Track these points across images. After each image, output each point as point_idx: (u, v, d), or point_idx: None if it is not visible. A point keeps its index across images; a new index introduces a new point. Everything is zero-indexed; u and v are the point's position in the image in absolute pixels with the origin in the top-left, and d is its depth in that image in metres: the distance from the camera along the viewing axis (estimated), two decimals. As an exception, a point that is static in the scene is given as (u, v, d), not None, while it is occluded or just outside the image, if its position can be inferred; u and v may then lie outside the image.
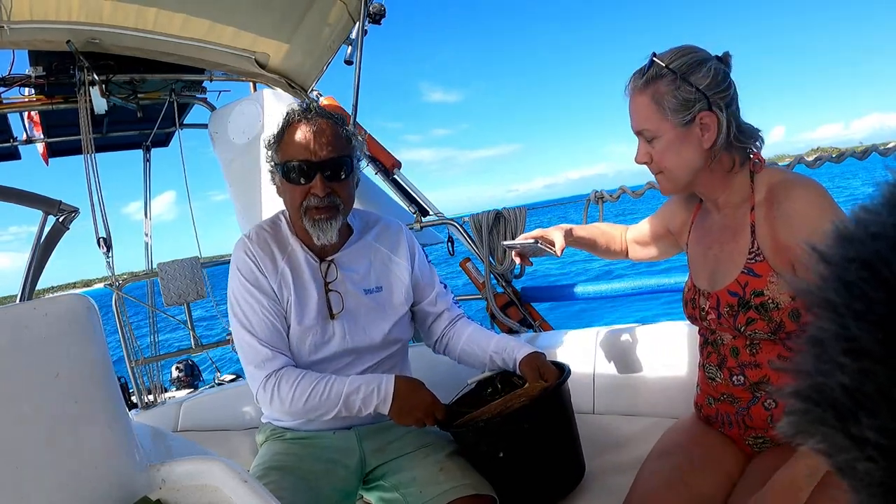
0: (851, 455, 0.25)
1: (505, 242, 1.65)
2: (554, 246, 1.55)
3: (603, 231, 1.67)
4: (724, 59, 1.19)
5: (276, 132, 1.49)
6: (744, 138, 1.18)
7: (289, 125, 1.47)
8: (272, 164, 1.50)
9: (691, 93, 1.14)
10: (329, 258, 1.54)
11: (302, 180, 1.44)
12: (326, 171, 1.44)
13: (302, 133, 1.44)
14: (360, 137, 1.54)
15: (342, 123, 1.51)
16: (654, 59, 1.18)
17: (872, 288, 0.24)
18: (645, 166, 1.28)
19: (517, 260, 1.64)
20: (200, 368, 5.26)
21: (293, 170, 1.43)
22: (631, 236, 1.64)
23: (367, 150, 2.83)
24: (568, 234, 1.58)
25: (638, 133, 1.24)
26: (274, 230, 1.56)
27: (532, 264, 1.63)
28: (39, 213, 2.88)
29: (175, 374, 5.03)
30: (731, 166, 1.20)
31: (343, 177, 1.47)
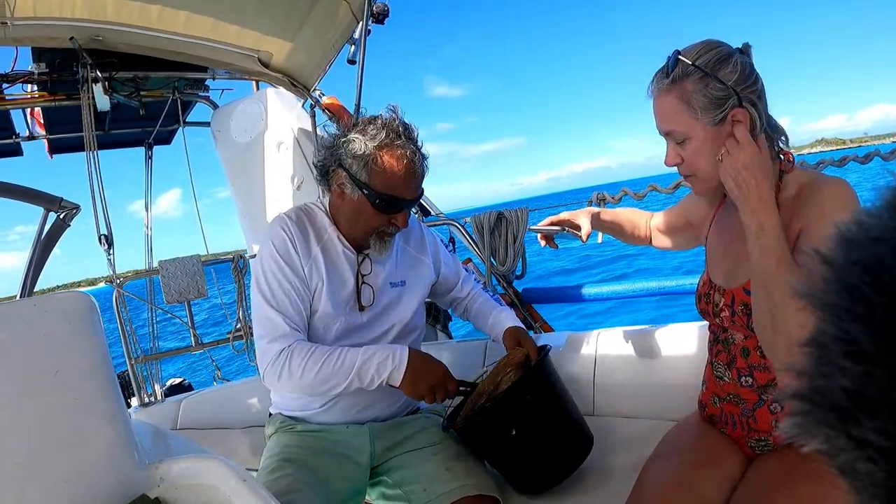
0: (853, 456, 0.25)
1: (531, 227, 1.67)
2: (580, 231, 1.54)
3: (629, 216, 1.66)
4: (746, 51, 1.13)
5: (368, 145, 1.39)
6: (773, 133, 1.14)
7: (389, 149, 1.40)
8: (349, 175, 1.42)
9: (721, 90, 1.09)
10: (365, 251, 1.55)
11: (391, 211, 1.44)
12: (412, 205, 1.49)
13: (405, 168, 1.40)
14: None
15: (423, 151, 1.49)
16: (680, 56, 1.12)
17: (873, 291, 0.24)
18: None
19: (542, 243, 1.63)
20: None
21: (387, 203, 1.42)
22: (654, 224, 1.62)
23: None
24: (595, 219, 1.56)
25: (666, 134, 1.18)
26: (310, 217, 1.55)
27: (557, 247, 1.64)
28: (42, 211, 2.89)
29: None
30: None
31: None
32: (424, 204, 2.98)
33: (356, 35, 2.50)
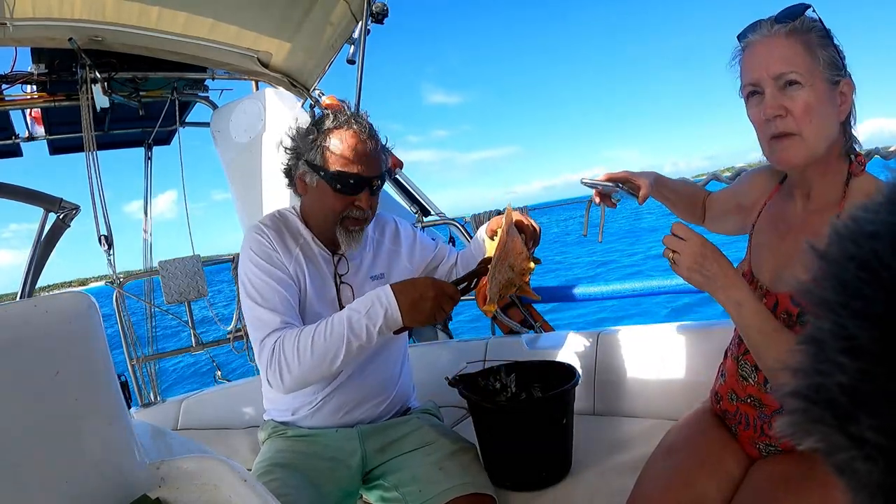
0: (850, 454, 0.25)
1: (584, 180, 1.56)
2: (638, 193, 1.44)
3: (689, 191, 1.56)
4: None
5: (317, 130, 1.47)
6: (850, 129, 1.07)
7: (338, 130, 1.46)
8: (307, 164, 1.47)
9: (837, 56, 1.02)
10: (340, 252, 1.56)
11: (351, 192, 1.45)
12: (373, 186, 1.48)
13: (356, 145, 1.44)
14: (387, 149, 1.57)
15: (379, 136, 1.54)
16: (809, 9, 1.03)
17: (870, 287, 0.24)
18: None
19: (597, 200, 1.52)
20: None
21: (345, 182, 1.44)
22: (709, 203, 1.54)
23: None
24: (656, 184, 1.47)
25: (775, 77, 1.02)
26: (285, 221, 1.57)
27: (615, 206, 1.53)
28: (40, 210, 2.88)
29: None
30: (837, 154, 1.07)
31: (379, 190, 1.53)
32: (425, 204, 2.98)
33: (355, 35, 2.50)
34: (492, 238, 1.61)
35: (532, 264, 1.49)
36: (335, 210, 1.47)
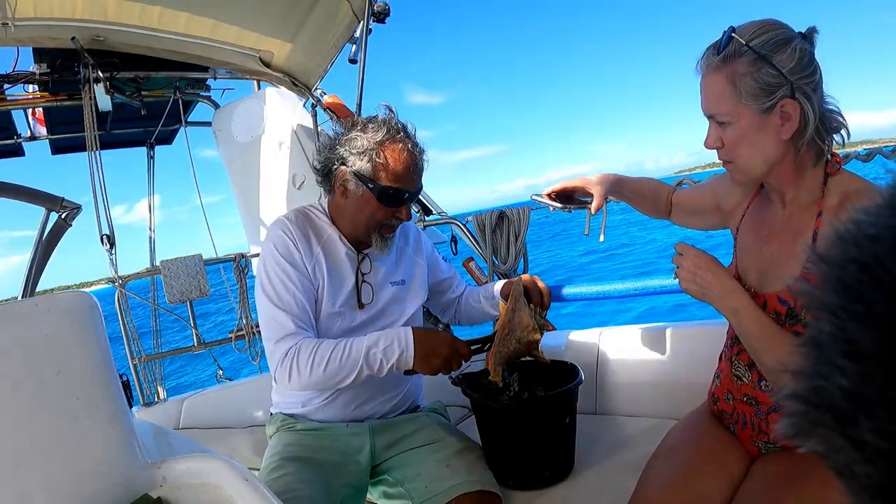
0: (850, 457, 0.25)
1: (533, 196, 1.61)
2: (590, 201, 1.49)
3: (651, 187, 1.59)
4: (809, 37, 1.05)
5: (370, 141, 1.46)
6: (824, 132, 1.06)
7: (391, 143, 1.47)
8: (355, 174, 1.47)
9: (774, 76, 1.02)
10: (365, 251, 1.59)
11: (396, 205, 1.49)
12: (414, 199, 1.54)
13: (407, 161, 1.47)
14: None
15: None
16: (734, 34, 1.05)
17: (871, 290, 0.24)
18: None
19: (552, 208, 1.60)
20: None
21: (391, 195, 1.47)
22: (678, 199, 1.56)
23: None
24: (613, 186, 1.51)
25: (709, 116, 1.12)
26: (309, 218, 1.59)
27: (571, 211, 1.60)
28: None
29: None
30: (808, 161, 1.09)
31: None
32: (427, 203, 2.98)
33: (357, 34, 2.50)
34: (506, 299, 1.62)
35: (539, 335, 1.48)
36: (377, 220, 1.50)
